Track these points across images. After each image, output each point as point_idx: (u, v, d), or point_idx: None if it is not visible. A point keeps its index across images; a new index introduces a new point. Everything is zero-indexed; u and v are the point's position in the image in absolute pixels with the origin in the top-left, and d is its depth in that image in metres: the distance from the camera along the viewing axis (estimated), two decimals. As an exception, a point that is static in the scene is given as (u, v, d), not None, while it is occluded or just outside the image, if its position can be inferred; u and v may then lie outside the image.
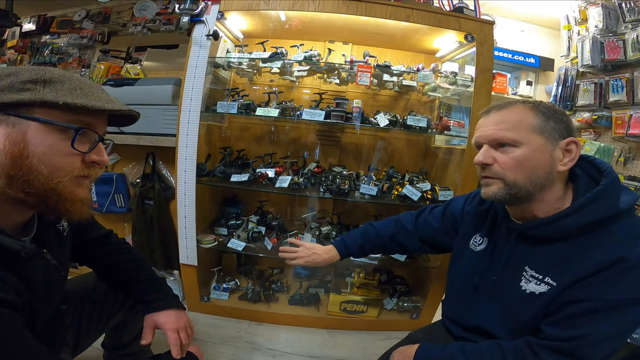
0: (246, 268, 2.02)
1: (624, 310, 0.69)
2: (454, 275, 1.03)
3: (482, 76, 1.64)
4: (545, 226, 0.78)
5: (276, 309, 1.82)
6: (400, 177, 1.76)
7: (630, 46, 1.95)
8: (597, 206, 0.73)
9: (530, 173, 0.76)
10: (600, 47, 2.11)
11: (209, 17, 1.65)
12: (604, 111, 2.07)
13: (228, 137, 2.06)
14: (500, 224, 0.92)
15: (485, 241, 0.95)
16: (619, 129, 1.94)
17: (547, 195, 0.78)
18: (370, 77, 1.66)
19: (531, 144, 0.76)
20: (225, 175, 1.74)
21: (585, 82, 2.21)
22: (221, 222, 1.90)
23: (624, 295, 0.68)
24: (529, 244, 0.82)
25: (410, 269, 1.99)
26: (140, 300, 0.97)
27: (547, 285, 0.76)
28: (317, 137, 2.02)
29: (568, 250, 0.75)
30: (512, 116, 0.79)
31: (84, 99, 0.61)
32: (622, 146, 1.94)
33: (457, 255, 1.04)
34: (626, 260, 0.68)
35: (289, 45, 1.84)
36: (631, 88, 1.94)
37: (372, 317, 1.81)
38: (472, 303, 0.93)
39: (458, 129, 1.64)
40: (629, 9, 2.01)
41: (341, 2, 1.59)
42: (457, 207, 1.10)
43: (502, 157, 0.78)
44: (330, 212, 1.99)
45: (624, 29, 2.05)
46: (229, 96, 1.77)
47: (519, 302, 0.80)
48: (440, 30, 1.71)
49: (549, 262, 0.78)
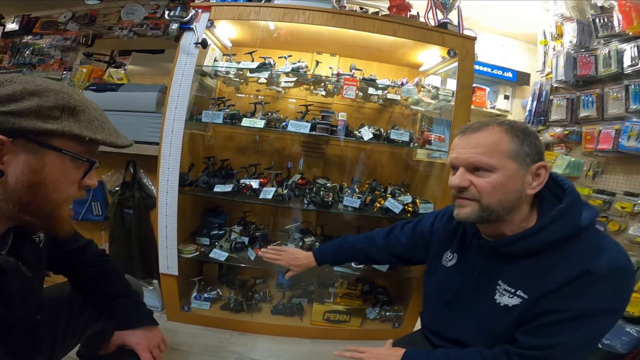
0: (228, 278, 2.01)
1: (591, 320, 0.74)
2: (429, 290, 1.07)
3: (462, 92, 1.71)
4: (514, 244, 0.82)
5: (259, 318, 1.82)
6: (383, 190, 1.80)
7: (601, 62, 1.98)
8: (561, 223, 0.77)
9: (503, 197, 0.80)
10: (574, 63, 2.15)
11: (199, 25, 1.65)
12: (575, 126, 2.16)
13: (212, 146, 2.05)
14: (470, 241, 0.95)
15: (456, 257, 0.99)
16: (588, 144, 2.02)
17: (515, 217, 0.82)
18: (355, 91, 1.70)
19: (505, 170, 0.79)
20: (209, 185, 1.72)
21: (558, 97, 2.28)
22: (203, 232, 1.87)
23: (590, 305, 0.73)
24: (500, 260, 0.86)
25: (392, 279, 2.02)
26: (113, 316, 0.96)
27: (520, 298, 0.80)
28: (301, 148, 2.04)
29: (537, 265, 0.79)
30: (488, 140, 0.81)
31: (102, 134, 0.64)
32: (591, 161, 2.04)
33: (430, 271, 1.08)
34: (591, 273, 0.72)
35: (277, 55, 1.86)
36: (601, 104, 2.00)
37: (355, 327, 1.83)
38: (448, 316, 0.96)
39: (439, 143, 1.69)
40: (602, 24, 2.04)
41: (330, 15, 1.63)
42: (426, 225, 1.15)
43: (478, 180, 0.81)
44: (314, 223, 2.00)
45: (596, 45, 2.08)
46: (215, 105, 1.76)
47: (494, 314, 0.84)
48: (424, 45, 1.76)
49: (520, 277, 0.82)
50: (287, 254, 1.33)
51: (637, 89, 1.78)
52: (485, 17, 2.84)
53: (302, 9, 1.62)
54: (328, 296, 1.86)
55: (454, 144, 0.87)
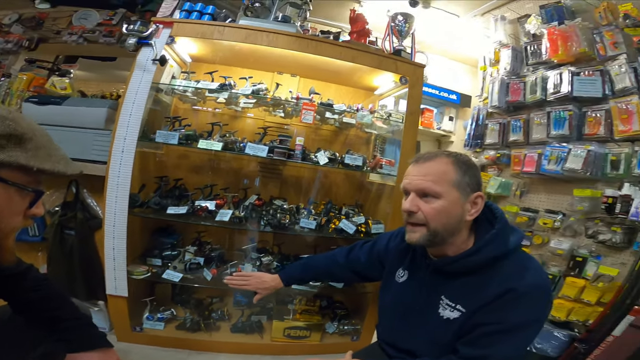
0: (182, 297, 1.95)
1: (519, 331, 0.85)
2: (384, 304, 1.17)
3: (410, 118, 1.85)
4: (453, 263, 0.94)
5: (218, 337, 1.79)
6: (337, 211, 1.89)
7: (529, 88, 2.20)
8: (492, 247, 0.90)
9: (446, 222, 0.91)
10: (506, 89, 2.35)
11: (158, 40, 1.61)
12: (505, 150, 2.41)
13: (165, 165, 1.99)
14: (419, 260, 1.07)
15: (407, 274, 1.09)
16: (516, 166, 2.28)
17: (456, 240, 0.94)
18: (313, 115, 1.77)
19: (449, 197, 0.90)
20: (161, 206, 1.68)
21: (492, 121, 2.51)
22: (154, 252, 1.81)
23: (518, 318, 0.84)
24: (443, 277, 0.97)
25: (348, 295, 2.10)
26: (63, 339, 0.92)
27: (459, 312, 0.91)
28: (258, 169, 2.06)
29: (473, 282, 0.91)
30: (437, 169, 0.91)
31: (50, 163, 0.63)
32: (518, 182, 2.32)
33: (385, 287, 1.17)
34: (516, 290, 0.84)
35: (238, 73, 1.87)
36: (527, 129, 2.23)
37: (316, 342, 1.87)
38: (401, 329, 1.05)
39: (389, 167, 1.82)
40: (532, 51, 2.26)
41: (294, 38, 1.69)
42: (381, 244, 1.26)
43: (425, 206, 0.91)
44: (271, 242, 2.03)
45: (526, 72, 2.30)
46: (170, 125, 1.73)
47: (439, 327, 0.94)
48: (380, 70, 1.88)
49: (459, 292, 0.93)
50: (254, 279, 1.39)
51: (557, 116, 2.03)
52: (436, 40, 3.05)
53: (265, 32, 1.66)
54: (287, 313, 1.89)
55: (407, 171, 0.98)
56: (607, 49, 1.85)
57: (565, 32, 2.01)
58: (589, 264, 1.81)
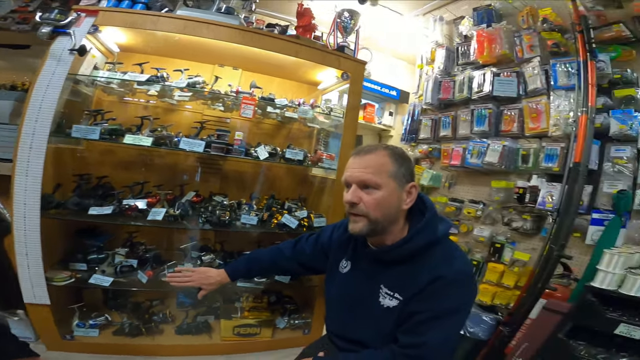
0: (117, 302, 1.83)
1: (451, 317, 0.89)
2: (330, 296, 1.19)
3: (350, 113, 1.91)
4: (389, 252, 0.99)
5: (163, 340, 1.72)
6: (280, 206, 1.89)
7: (457, 87, 2.35)
8: (423, 235, 0.97)
9: (386, 211, 0.95)
10: (439, 87, 2.48)
11: (79, 29, 1.47)
12: (436, 144, 2.58)
13: (87, 162, 1.81)
14: (361, 249, 1.11)
15: (350, 265, 1.13)
16: (445, 159, 2.46)
17: (394, 228, 1.00)
18: (253, 110, 1.74)
19: (388, 188, 0.94)
20: (82, 207, 1.54)
21: (426, 117, 2.66)
22: (78, 256, 1.66)
23: (448, 305, 0.89)
24: (381, 266, 1.03)
25: (296, 289, 2.12)
26: None
27: (397, 300, 0.96)
28: (197, 164, 1.97)
29: (408, 270, 0.97)
30: (376, 162, 0.95)
31: None
32: (447, 174, 2.52)
33: (329, 278, 1.20)
34: (445, 277, 0.90)
35: (175, 66, 1.75)
36: (455, 125, 2.40)
37: (268, 338, 1.87)
38: (347, 319, 1.08)
39: (330, 161, 1.86)
40: (462, 52, 2.41)
41: (236, 31, 1.62)
42: (325, 236, 1.29)
43: (366, 197, 0.94)
44: (213, 240, 1.96)
45: (456, 71, 2.45)
46: (91, 118, 1.56)
47: (381, 315, 0.98)
48: (324, 66, 1.89)
49: (396, 281, 0.98)
50: (197, 274, 1.30)
51: (479, 113, 2.22)
52: (380, 38, 3.11)
53: (206, 23, 1.58)
54: (235, 311, 1.86)
55: (348, 163, 1.01)
56: (525, 52, 2.04)
57: (491, 35, 2.17)
58: (506, 249, 2.01)
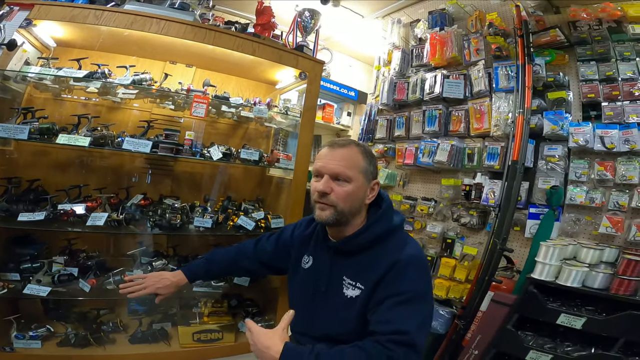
0: (59, 312, 1.69)
1: (417, 298, 0.92)
2: (293, 293, 1.21)
3: (307, 113, 1.91)
4: (348, 242, 1.04)
5: (115, 350, 1.60)
6: (236, 208, 1.85)
7: (411, 88, 2.45)
8: (379, 224, 1.03)
9: (353, 204, 1.01)
10: (394, 88, 2.57)
11: (9, 23, 1.36)
12: (391, 144, 2.66)
13: (16, 164, 1.65)
14: (322, 244, 1.14)
15: (312, 260, 1.16)
16: (399, 159, 2.54)
17: (355, 221, 1.05)
18: (206, 109, 1.68)
19: (357, 182, 1.00)
20: (10, 213, 1.41)
21: (382, 118, 2.74)
22: (9, 266, 1.52)
23: (410, 286, 0.93)
24: (343, 257, 1.06)
25: (257, 291, 2.07)
26: None
27: (359, 290, 1.00)
28: (147, 165, 1.87)
29: (367, 259, 1.02)
30: (350, 156, 1.01)
31: None
32: (401, 173, 2.62)
33: (292, 275, 1.22)
34: (400, 260, 0.96)
35: (121, 62, 1.65)
36: (408, 125, 2.49)
37: (231, 342, 1.81)
38: (312, 315, 1.09)
39: (287, 162, 1.86)
40: (416, 54, 2.51)
41: (188, 27, 1.56)
42: (287, 234, 1.31)
43: (337, 188, 0.99)
44: (165, 244, 1.87)
45: (410, 73, 2.55)
46: (20, 116, 1.42)
47: (345, 306, 1.01)
48: (282, 65, 1.87)
49: (357, 270, 1.02)
50: (151, 279, 1.25)
51: (430, 114, 2.33)
52: (341, 38, 3.18)
53: (156, 18, 1.50)
54: (193, 317, 1.79)
55: (321, 153, 1.05)
56: (472, 55, 2.17)
57: (443, 38, 2.29)
58: (456, 244, 2.13)
